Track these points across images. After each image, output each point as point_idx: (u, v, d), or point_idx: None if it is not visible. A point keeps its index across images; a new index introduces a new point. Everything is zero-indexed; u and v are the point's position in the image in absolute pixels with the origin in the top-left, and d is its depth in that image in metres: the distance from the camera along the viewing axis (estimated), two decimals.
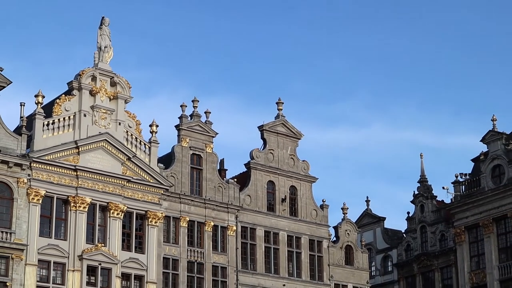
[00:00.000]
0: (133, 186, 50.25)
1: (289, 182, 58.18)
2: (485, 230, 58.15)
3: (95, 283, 47.50)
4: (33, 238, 45.80)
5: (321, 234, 58.87)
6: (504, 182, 57.53)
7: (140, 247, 50.28)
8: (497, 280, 57.07)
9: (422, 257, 63.04)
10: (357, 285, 60.01)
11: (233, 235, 54.44)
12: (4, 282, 44.50)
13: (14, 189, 45.90)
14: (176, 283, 51.57)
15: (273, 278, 55.62)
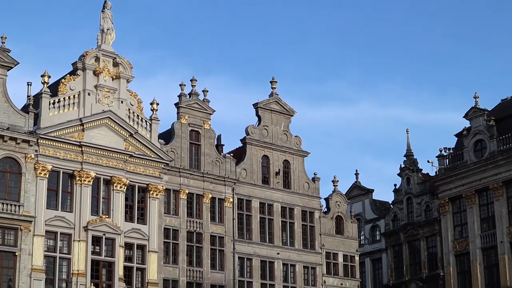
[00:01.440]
0: (135, 161, 50.36)
1: (283, 156, 58.29)
2: (468, 201, 58.34)
3: (99, 253, 47.70)
4: (41, 210, 45.94)
5: (313, 205, 59.05)
6: (486, 156, 57.68)
7: (142, 218, 50.46)
8: (479, 248, 57.32)
9: (408, 227, 63.26)
10: (347, 253, 60.28)
11: (230, 206, 54.61)
12: (13, 252, 44.69)
13: (22, 164, 45.99)
14: (176, 252, 51.78)
15: (267, 247, 55.84)
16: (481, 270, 56.94)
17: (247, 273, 54.76)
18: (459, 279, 58.88)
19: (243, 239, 54.96)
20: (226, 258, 53.69)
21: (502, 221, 55.81)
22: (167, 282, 50.80)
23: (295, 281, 56.74)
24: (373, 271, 67.22)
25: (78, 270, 46.42)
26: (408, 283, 61.64)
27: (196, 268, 52.15)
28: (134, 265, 49.24)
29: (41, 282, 45.05)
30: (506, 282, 54.66)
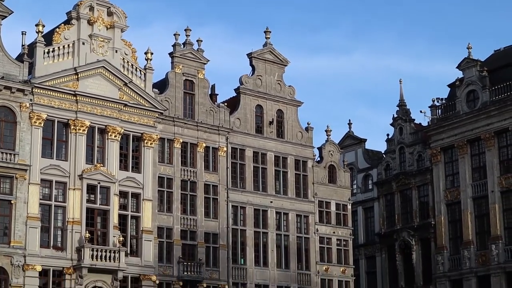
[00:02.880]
0: (130, 110, 50.36)
1: (276, 106, 58.32)
2: (459, 151, 58.53)
3: (94, 201, 47.95)
4: (36, 159, 46.05)
5: (306, 155, 59.27)
6: (478, 106, 57.74)
7: (137, 167, 50.62)
8: (470, 197, 57.63)
9: (400, 176, 63.53)
10: (339, 202, 60.68)
11: (223, 155, 54.79)
12: (9, 200, 44.89)
13: (17, 113, 45.97)
14: (170, 200, 52.06)
15: (261, 196, 56.15)
16: (472, 219, 57.33)
17: (241, 221, 55.15)
18: (450, 228, 59.32)
19: (237, 187, 55.24)
20: (219, 207, 54.01)
21: (493, 171, 56.06)
22: (161, 230, 51.13)
23: (288, 229, 57.16)
24: (365, 220, 67.69)
25: (73, 218, 46.70)
26: (400, 231, 62.10)
27: (190, 216, 52.47)
28: (128, 213, 49.53)
29: (36, 230, 45.33)
30: (497, 231, 55.09)
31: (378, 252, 65.26)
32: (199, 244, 52.39)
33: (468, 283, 56.47)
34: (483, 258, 55.88)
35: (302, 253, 57.59)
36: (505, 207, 55.58)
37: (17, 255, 44.30)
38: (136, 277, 48.89)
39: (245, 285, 54.36)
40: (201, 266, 51.66)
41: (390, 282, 63.66)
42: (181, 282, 50.84)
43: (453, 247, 58.62)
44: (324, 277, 58.49)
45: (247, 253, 54.86)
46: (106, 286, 47.03)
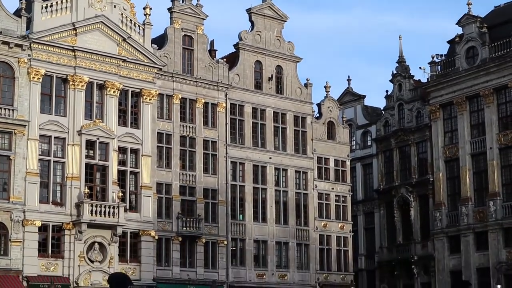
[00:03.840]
0: (128, 66, 50.09)
1: (275, 62, 58.06)
2: (458, 108, 58.38)
3: (93, 157, 47.89)
4: (35, 114, 45.93)
5: (305, 111, 59.13)
6: (477, 63, 57.46)
7: (136, 122, 50.49)
8: (469, 154, 57.61)
9: (399, 133, 63.43)
10: (338, 158, 60.68)
11: (222, 111, 54.63)
12: (8, 155, 44.85)
13: (16, 68, 45.73)
14: (169, 156, 52.02)
15: (260, 152, 56.10)
16: (470, 175, 57.38)
17: (240, 177, 55.17)
18: (448, 185, 59.39)
19: (236, 143, 55.19)
20: (218, 162, 53.99)
21: (492, 128, 55.97)
22: (160, 185, 51.16)
23: (287, 185, 57.21)
24: (363, 176, 67.72)
25: (72, 174, 46.68)
26: (398, 188, 62.19)
27: (189, 172, 52.46)
28: (127, 169, 49.50)
29: (35, 185, 45.36)
30: (494, 187, 55.15)
31: (377, 208, 65.38)
32: (198, 199, 52.45)
33: (465, 239, 56.66)
34: (480, 214, 56.00)
35: (300, 209, 57.70)
36: (503, 164, 55.60)
37: (17, 210, 44.36)
38: (135, 233, 49.01)
39: (243, 240, 54.52)
40: (200, 221, 51.77)
41: (388, 238, 63.87)
42: (180, 237, 50.97)
43: (451, 204, 58.74)
44: (323, 233, 58.70)
45: (246, 209, 54.95)
46: (105, 241, 47.14)
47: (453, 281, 57.29)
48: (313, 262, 57.49)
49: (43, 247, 45.72)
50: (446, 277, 57.94)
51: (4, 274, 43.12)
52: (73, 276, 45.72)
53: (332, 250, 59.13)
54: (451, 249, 57.89)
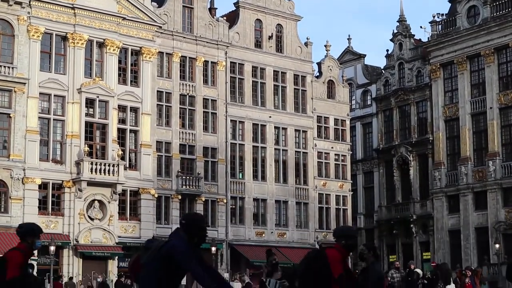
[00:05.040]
0: (128, 24, 49.96)
1: (276, 20, 57.85)
2: (459, 67, 58.30)
3: (93, 115, 47.97)
4: (34, 72, 45.92)
5: (305, 70, 59.07)
6: (479, 22, 57.28)
7: (135, 81, 50.50)
8: (469, 113, 57.67)
9: (399, 92, 63.40)
10: (338, 117, 60.76)
11: (222, 70, 54.58)
12: (8, 113, 44.94)
13: (15, 26, 45.63)
14: (169, 115, 52.09)
15: (260, 110, 56.15)
16: (470, 135, 57.49)
17: (239, 135, 55.29)
18: (447, 144, 59.54)
19: (236, 102, 55.20)
20: (218, 121, 54.06)
21: (492, 87, 55.97)
22: (160, 144, 51.30)
23: (286, 144, 57.35)
24: (363, 135, 67.81)
25: (72, 132, 46.80)
26: (398, 147, 62.33)
27: (189, 131, 52.57)
28: (127, 127, 49.61)
29: (35, 143, 45.51)
30: (494, 147, 55.31)
31: (376, 168, 65.57)
32: (198, 158, 52.61)
33: (464, 198, 56.94)
34: (480, 174, 56.24)
35: (300, 168, 57.90)
36: (503, 124, 55.72)
37: (17, 168, 44.55)
38: (135, 191, 49.26)
39: (243, 199, 54.80)
40: (200, 180, 51.99)
41: (387, 197, 64.16)
42: (180, 195, 51.23)
43: (451, 163, 58.94)
44: (322, 192, 58.97)
45: (246, 168, 55.14)
46: (105, 199, 47.40)
47: (452, 241, 57.73)
48: (312, 220, 57.84)
49: (43, 205, 46.01)
50: (445, 236, 58.34)
51: (4, 231, 43.40)
52: (73, 234, 46.05)
53: (331, 209, 59.45)
54: (450, 209, 58.21)
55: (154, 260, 8.91)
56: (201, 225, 9.02)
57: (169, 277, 8.89)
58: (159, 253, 8.89)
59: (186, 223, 8.95)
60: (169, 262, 8.81)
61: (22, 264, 10.38)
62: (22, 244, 10.48)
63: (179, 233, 8.94)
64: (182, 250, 8.77)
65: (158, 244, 9.03)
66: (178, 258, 8.75)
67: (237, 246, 53.04)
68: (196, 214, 9.69)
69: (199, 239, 8.91)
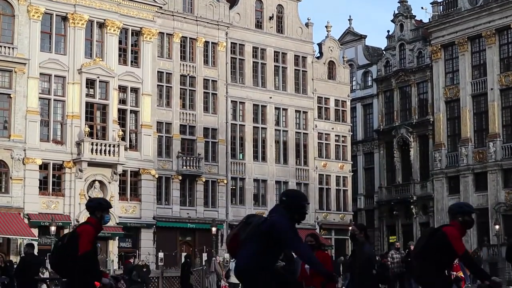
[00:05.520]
0: (129, 4, 49.83)
1: (276, 1, 57.70)
2: (460, 48, 58.21)
3: (93, 95, 47.95)
4: (35, 52, 45.85)
5: (306, 50, 58.98)
6: (480, 3, 57.11)
7: (136, 61, 50.43)
8: (470, 95, 57.65)
9: (400, 73, 63.35)
10: (338, 98, 60.72)
11: (223, 50, 54.51)
12: (8, 94, 44.92)
13: (15, 6, 45.52)
14: (169, 95, 52.06)
15: (260, 91, 56.12)
16: (471, 116, 57.49)
17: (240, 116, 55.28)
18: (448, 125, 59.55)
19: (236, 83, 55.17)
20: (219, 102, 54.05)
21: (493, 69, 55.91)
22: (160, 124, 51.30)
23: (287, 125, 57.35)
24: (364, 116, 67.80)
25: (72, 112, 46.79)
26: (398, 128, 62.34)
27: (189, 111, 52.56)
28: (128, 108, 49.59)
29: (36, 123, 45.52)
30: (495, 128, 55.32)
31: (376, 149, 65.63)
32: (198, 139, 52.64)
33: (465, 179, 57.02)
34: (480, 155, 56.29)
35: (300, 149, 57.94)
36: (504, 105, 55.72)
37: (17, 148, 44.58)
38: (136, 171, 49.32)
39: (243, 180, 54.87)
40: (200, 160, 52.04)
41: (388, 178, 64.24)
42: (180, 176, 51.29)
43: (451, 144, 58.98)
44: (322, 173, 59.03)
45: (246, 148, 55.19)
46: (105, 179, 47.47)
47: None
48: (312, 201, 57.85)
49: (44, 185, 46.08)
50: (445, 217, 58.30)
51: (5, 211, 43.52)
52: (74, 214, 46.13)
53: (332, 189, 59.54)
54: (450, 190, 58.29)
55: (254, 236, 8.95)
56: (303, 203, 9.06)
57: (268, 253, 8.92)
58: (259, 229, 8.92)
59: (288, 200, 8.99)
60: (269, 238, 8.84)
61: (93, 238, 10.54)
62: (92, 219, 10.71)
63: (280, 210, 8.97)
64: (285, 227, 8.80)
65: (258, 220, 9.08)
66: (280, 235, 8.78)
67: None
68: (298, 191, 9.69)
69: (299, 216, 8.93)
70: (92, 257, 10.50)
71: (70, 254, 10.38)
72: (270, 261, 9.00)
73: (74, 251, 10.33)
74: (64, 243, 10.62)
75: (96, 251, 10.86)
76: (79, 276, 10.39)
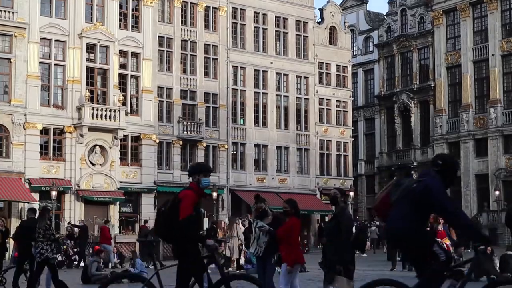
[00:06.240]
0: None
1: None
2: (461, 14, 57.93)
3: (94, 60, 47.75)
4: (35, 17, 45.53)
5: (307, 15, 58.67)
6: None
7: (136, 26, 50.16)
8: (471, 60, 57.50)
9: (401, 38, 63.15)
10: (339, 64, 60.51)
11: (224, 15, 54.21)
12: (8, 58, 44.73)
13: None
14: (170, 60, 51.85)
15: (261, 56, 55.90)
16: (472, 82, 57.38)
17: (241, 81, 55.13)
18: (449, 91, 59.46)
19: (237, 48, 54.94)
20: (219, 67, 53.86)
21: (495, 34, 55.70)
22: (161, 89, 51.17)
23: (288, 90, 57.21)
24: (365, 82, 67.71)
25: (73, 77, 46.62)
26: (399, 94, 62.22)
27: (190, 76, 52.39)
28: (128, 73, 49.41)
29: (36, 88, 45.37)
30: (496, 94, 55.23)
31: (377, 114, 65.60)
32: (199, 104, 52.53)
33: (465, 145, 57.02)
34: (481, 121, 56.24)
35: (301, 114, 57.85)
36: (505, 71, 55.58)
37: (18, 113, 44.49)
38: (136, 136, 49.26)
39: (244, 145, 54.84)
40: (201, 126, 51.98)
41: (388, 144, 64.30)
42: (181, 141, 51.26)
43: (452, 110, 58.93)
44: (323, 138, 59.00)
45: (247, 114, 55.10)
46: (106, 144, 47.42)
47: (452, 187, 57.87)
48: (313, 167, 57.95)
49: (45, 150, 46.04)
50: None
51: (6, 176, 43.56)
52: (75, 179, 46.18)
53: (332, 155, 59.54)
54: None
55: (405, 198, 8.97)
56: (457, 169, 9.12)
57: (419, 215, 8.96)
58: (412, 191, 8.93)
59: (443, 164, 8.99)
60: (421, 200, 8.87)
61: (195, 202, 10.52)
62: (193, 184, 10.67)
63: (432, 173, 8.96)
64: (440, 190, 8.84)
65: (410, 182, 9.08)
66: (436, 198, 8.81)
67: (238, 192, 53.21)
68: (452, 157, 9.67)
69: (450, 182, 8.94)
70: (194, 222, 10.51)
71: (173, 219, 10.42)
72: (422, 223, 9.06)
73: (176, 217, 10.38)
74: (167, 209, 10.63)
75: (200, 216, 10.86)
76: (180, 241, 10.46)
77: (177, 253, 10.68)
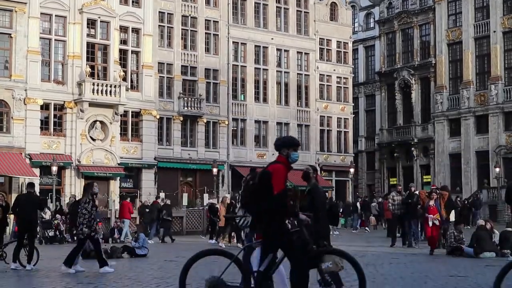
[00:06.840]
0: None
1: None
2: None
3: (95, 35, 47.57)
4: None
5: None
6: None
7: (137, 1, 49.87)
8: (472, 37, 57.33)
9: (402, 15, 62.89)
10: (340, 40, 60.30)
11: None
12: (9, 33, 44.57)
13: None
14: (171, 36, 51.67)
15: (262, 32, 55.71)
16: (473, 59, 57.24)
17: (241, 57, 54.97)
18: (450, 68, 59.32)
19: (238, 24, 54.72)
20: (220, 43, 53.67)
21: (497, 11, 55.48)
22: (162, 65, 51.03)
23: (288, 66, 57.07)
24: (365, 58, 67.53)
25: (73, 53, 46.46)
26: (400, 70, 62.06)
27: (191, 52, 52.23)
28: (129, 48, 49.25)
29: (37, 63, 45.23)
30: (496, 71, 55.11)
31: (378, 91, 65.47)
32: (200, 79, 52.40)
33: (466, 122, 56.97)
34: (481, 98, 56.15)
35: (302, 90, 57.75)
36: (506, 48, 55.42)
37: (18, 88, 44.38)
38: (137, 112, 49.18)
39: (244, 121, 54.77)
40: (201, 101, 51.89)
41: (389, 120, 64.21)
42: (181, 117, 51.19)
43: (453, 87, 58.82)
44: (324, 114, 58.90)
45: (247, 90, 54.99)
46: (107, 120, 47.35)
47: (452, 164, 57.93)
48: (313, 143, 57.92)
49: (45, 125, 45.98)
50: (445, 160, 58.52)
51: (7, 151, 43.53)
52: (75, 154, 46.17)
53: (333, 131, 59.47)
54: (451, 132, 58.28)
55: None
56: None
57: None
58: None
59: None
60: None
61: (285, 176, 10.31)
62: (281, 157, 10.41)
63: None
64: None
65: None
66: None
67: (238, 168, 53.17)
68: None
69: None
70: (286, 196, 10.39)
71: (263, 193, 10.21)
72: None
73: (267, 190, 10.17)
74: (256, 183, 10.45)
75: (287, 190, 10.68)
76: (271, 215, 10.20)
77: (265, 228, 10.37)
